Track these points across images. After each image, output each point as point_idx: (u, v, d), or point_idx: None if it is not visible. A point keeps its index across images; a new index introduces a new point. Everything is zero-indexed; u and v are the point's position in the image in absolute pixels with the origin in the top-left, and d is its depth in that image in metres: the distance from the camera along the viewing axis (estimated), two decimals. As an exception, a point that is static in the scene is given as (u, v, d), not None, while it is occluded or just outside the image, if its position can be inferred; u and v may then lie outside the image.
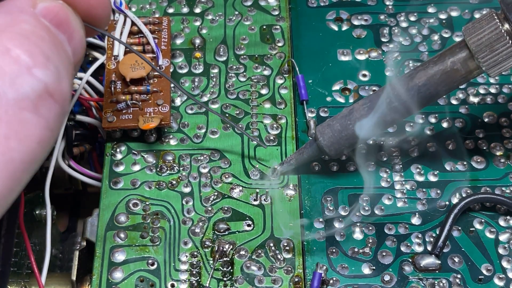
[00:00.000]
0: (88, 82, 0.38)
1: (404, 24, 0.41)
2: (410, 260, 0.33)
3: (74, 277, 0.34)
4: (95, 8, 0.25)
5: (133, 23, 0.38)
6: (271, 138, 0.36)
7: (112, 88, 0.36)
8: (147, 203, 0.34)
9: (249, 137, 0.36)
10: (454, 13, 0.41)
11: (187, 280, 0.32)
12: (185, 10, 0.41)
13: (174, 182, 0.35)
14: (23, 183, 0.20)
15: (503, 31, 0.29)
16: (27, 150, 0.20)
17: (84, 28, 0.24)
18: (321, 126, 0.33)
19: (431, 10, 0.41)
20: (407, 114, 0.32)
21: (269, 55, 0.39)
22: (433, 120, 0.37)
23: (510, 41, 0.29)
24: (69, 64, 0.22)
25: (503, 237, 0.33)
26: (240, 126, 0.36)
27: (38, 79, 0.20)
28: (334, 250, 0.33)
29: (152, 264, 0.32)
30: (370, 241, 0.33)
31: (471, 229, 0.34)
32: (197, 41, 0.40)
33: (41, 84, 0.20)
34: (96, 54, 0.41)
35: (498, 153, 0.36)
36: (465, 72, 0.31)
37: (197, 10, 0.41)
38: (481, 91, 0.38)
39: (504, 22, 0.29)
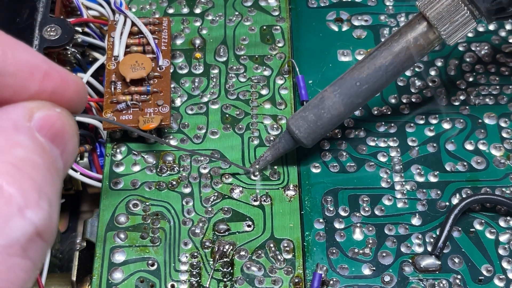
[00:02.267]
0: (88, 83, 0.38)
1: (404, 25, 0.41)
2: (410, 261, 0.33)
3: (74, 278, 0.34)
4: (71, 100, 0.23)
5: (133, 24, 0.38)
6: (272, 138, 0.36)
7: (112, 89, 0.36)
8: (147, 203, 0.34)
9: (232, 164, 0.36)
10: (454, 14, 0.41)
11: (187, 280, 0.32)
12: (185, 10, 0.41)
13: (174, 182, 0.35)
14: None
15: (460, 1, 0.31)
16: None
17: (78, 135, 0.23)
18: (293, 119, 0.34)
19: (431, 10, 0.41)
20: (377, 92, 0.34)
21: (269, 56, 0.39)
22: (433, 121, 0.37)
23: (466, 9, 0.31)
24: (60, 185, 0.21)
25: (503, 238, 0.33)
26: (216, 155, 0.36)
27: (30, 221, 0.19)
28: (334, 251, 0.33)
29: (152, 265, 0.32)
30: (370, 241, 0.33)
31: (471, 229, 0.34)
32: (197, 41, 0.40)
33: (33, 227, 0.19)
34: (96, 55, 0.41)
35: (498, 154, 0.36)
36: (427, 44, 0.32)
37: (197, 11, 0.41)
38: (482, 91, 0.38)
39: None
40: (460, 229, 0.34)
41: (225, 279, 0.32)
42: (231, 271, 0.32)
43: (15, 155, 0.19)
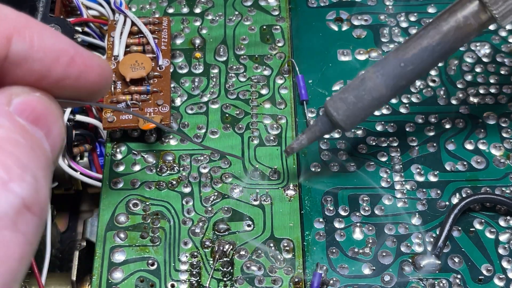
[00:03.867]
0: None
1: (404, 24, 0.41)
2: (410, 261, 0.33)
3: (74, 277, 0.34)
4: (95, 83, 0.24)
5: (133, 23, 0.38)
6: (271, 138, 0.36)
7: (112, 88, 0.36)
8: (147, 203, 0.34)
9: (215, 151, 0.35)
10: (454, 13, 0.41)
11: (187, 280, 0.32)
12: (185, 10, 0.41)
13: (174, 182, 0.35)
14: None
15: None
16: (8, 271, 0.19)
17: (64, 119, 0.23)
18: (331, 101, 0.32)
19: (431, 10, 0.41)
20: (422, 74, 0.32)
21: (269, 55, 0.39)
22: (433, 120, 0.37)
23: None
24: (47, 165, 0.21)
25: (503, 237, 0.33)
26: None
27: (15, 194, 0.19)
28: (334, 250, 0.33)
29: (152, 264, 0.32)
30: (370, 241, 0.33)
31: (471, 229, 0.34)
32: (197, 41, 0.40)
33: (19, 199, 0.19)
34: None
35: (498, 153, 0.36)
36: (478, 25, 0.30)
37: (197, 10, 0.41)
38: (481, 91, 0.38)
39: None
40: (460, 228, 0.34)
41: (225, 279, 0.32)
42: (231, 270, 0.32)
43: None
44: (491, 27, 0.41)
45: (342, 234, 0.33)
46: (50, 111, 0.22)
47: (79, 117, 0.38)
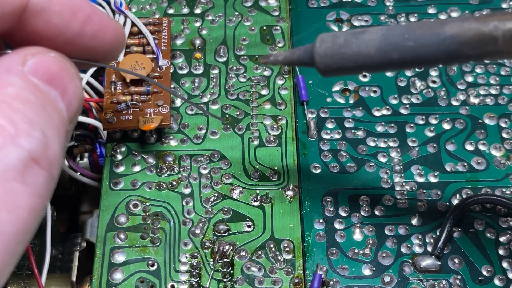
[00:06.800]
0: (88, 83, 0.38)
1: (404, 25, 0.41)
2: (410, 261, 0.33)
3: (74, 278, 0.34)
4: (110, 44, 0.25)
5: (133, 24, 0.38)
6: (272, 139, 0.36)
7: (112, 89, 0.36)
8: (147, 204, 0.34)
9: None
10: (454, 14, 0.41)
11: (187, 281, 0.32)
12: (185, 10, 0.41)
13: (174, 183, 0.35)
14: (18, 255, 0.20)
15: None
16: (18, 221, 0.19)
17: (81, 79, 0.24)
18: (326, 34, 0.29)
19: (431, 11, 0.41)
20: (416, 61, 0.27)
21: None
22: (433, 121, 0.37)
23: None
24: (60, 123, 0.22)
25: (503, 238, 0.33)
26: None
27: (22, 148, 0.20)
28: (334, 251, 0.33)
29: (152, 265, 0.32)
30: (370, 242, 0.33)
31: (471, 230, 0.34)
32: (197, 41, 0.40)
33: (26, 153, 0.20)
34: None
35: (498, 154, 0.36)
36: (502, 48, 0.24)
37: (197, 11, 0.41)
38: (482, 92, 0.38)
39: None
40: (460, 229, 0.34)
41: (225, 280, 0.32)
42: (231, 271, 0.32)
43: (5, 92, 0.20)
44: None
45: (342, 235, 0.33)
46: (65, 71, 0.22)
47: (79, 118, 0.37)
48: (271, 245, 0.33)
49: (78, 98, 0.23)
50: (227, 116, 0.37)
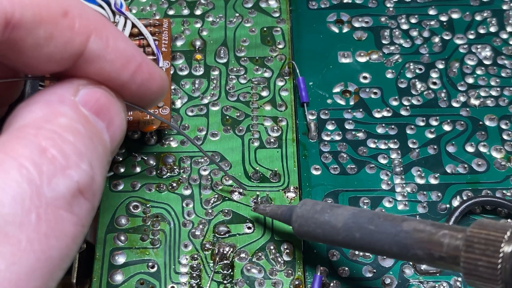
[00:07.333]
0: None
1: (405, 26, 0.41)
2: (411, 263, 0.33)
3: (74, 280, 0.34)
4: (155, 93, 0.26)
5: (133, 25, 0.38)
6: (272, 140, 0.36)
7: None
8: (147, 205, 0.34)
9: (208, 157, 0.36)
10: (455, 15, 0.41)
11: (187, 282, 0.32)
12: (186, 12, 0.41)
13: (174, 184, 0.35)
14: (57, 280, 0.21)
15: (498, 274, 0.24)
16: (63, 247, 0.20)
17: (126, 112, 0.25)
18: (309, 200, 0.31)
19: (432, 12, 0.41)
20: (372, 249, 0.28)
21: (269, 57, 0.39)
22: (434, 123, 0.37)
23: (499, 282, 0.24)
24: (104, 154, 0.23)
25: (504, 240, 0.33)
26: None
27: (72, 179, 0.21)
28: (334, 253, 0.33)
29: (152, 267, 0.32)
30: (371, 244, 0.33)
31: (471, 232, 0.34)
32: (198, 43, 0.40)
33: (75, 184, 0.21)
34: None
35: (499, 156, 0.36)
36: (445, 255, 0.25)
37: (198, 12, 0.41)
38: (482, 93, 0.38)
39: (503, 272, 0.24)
40: (460, 231, 0.34)
41: (225, 281, 0.32)
42: (231, 273, 0.32)
43: (58, 123, 0.21)
44: (492, 29, 0.41)
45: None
46: (113, 104, 0.23)
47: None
48: (272, 247, 0.33)
49: (121, 130, 0.24)
50: (228, 117, 0.37)
